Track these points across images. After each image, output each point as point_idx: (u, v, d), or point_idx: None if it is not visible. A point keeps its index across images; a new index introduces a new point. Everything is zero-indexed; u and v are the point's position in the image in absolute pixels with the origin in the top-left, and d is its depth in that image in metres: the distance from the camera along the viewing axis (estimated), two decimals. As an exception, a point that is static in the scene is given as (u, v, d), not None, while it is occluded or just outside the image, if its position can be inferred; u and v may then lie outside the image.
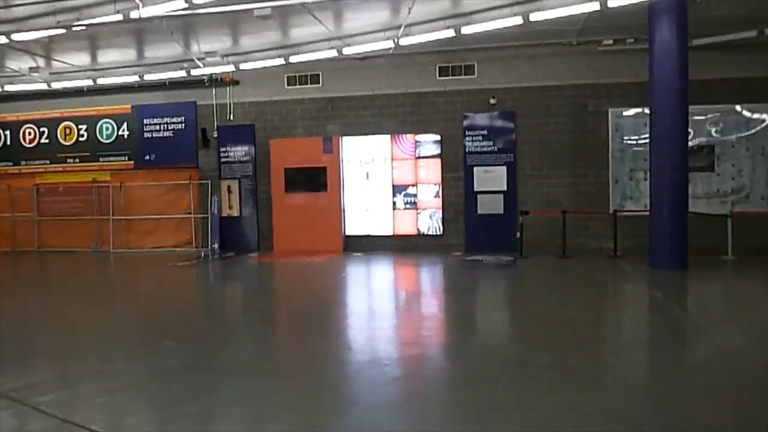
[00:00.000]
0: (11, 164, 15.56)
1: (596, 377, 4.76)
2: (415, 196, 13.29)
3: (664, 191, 9.80)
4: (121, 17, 8.96)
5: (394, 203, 13.40)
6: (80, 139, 15.07)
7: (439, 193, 13.17)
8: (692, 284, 9.14)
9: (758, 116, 11.95)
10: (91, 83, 13.73)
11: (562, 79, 12.54)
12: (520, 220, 12.02)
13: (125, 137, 14.79)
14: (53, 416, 4.01)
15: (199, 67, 12.57)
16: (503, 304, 8.56)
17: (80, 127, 15.05)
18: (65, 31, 9.77)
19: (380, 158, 13.39)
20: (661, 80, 9.71)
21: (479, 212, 12.89)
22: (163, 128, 14.58)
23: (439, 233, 13.22)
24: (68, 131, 15.15)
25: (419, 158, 13.21)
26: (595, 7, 9.31)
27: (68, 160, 15.18)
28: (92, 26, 9.71)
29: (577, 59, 12.46)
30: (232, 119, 14.19)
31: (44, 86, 13.86)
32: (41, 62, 12.73)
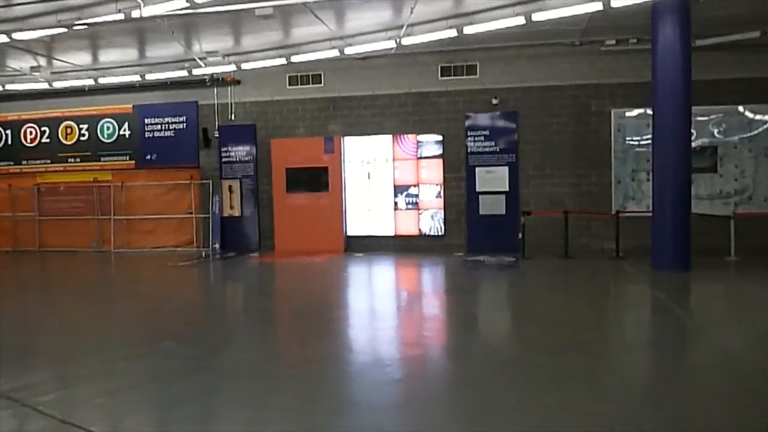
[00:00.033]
0: (12, 164, 15.55)
1: (597, 378, 4.74)
2: (416, 196, 13.26)
3: (666, 192, 9.76)
4: (122, 16, 8.95)
5: (395, 203, 13.37)
6: (81, 138, 15.07)
7: (440, 193, 13.14)
8: (695, 285, 9.11)
9: (761, 117, 11.91)
10: (92, 83, 13.72)
11: (564, 79, 12.51)
12: (522, 220, 11.99)
13: (126, 137, 14.78)
14: (53, 417, 4.00)
15: (200, 66, 12.55)
16: (505, 304, 8.54)
17: (81, 126, 15.04)
18: (66, 30, 9.76)
19: (382, 158, 13.36)
20: (664, 80, 9.67)
21: (481, 213, 12.86)
22: (164, 128, 14.57)
23: (440, 234, 13.19)
24: (69, 131, 15.14)
25: (421, 158, 13.18)
26: (597, 7, 9.27)
27: (69, 159, 15.17)
28: (93, 25, 9.70)
29: (579, 59, 12.42)
30: (233, 119, 14.18)
31: (45, 85, 13.83)
32: (42, 61, 12.71)
